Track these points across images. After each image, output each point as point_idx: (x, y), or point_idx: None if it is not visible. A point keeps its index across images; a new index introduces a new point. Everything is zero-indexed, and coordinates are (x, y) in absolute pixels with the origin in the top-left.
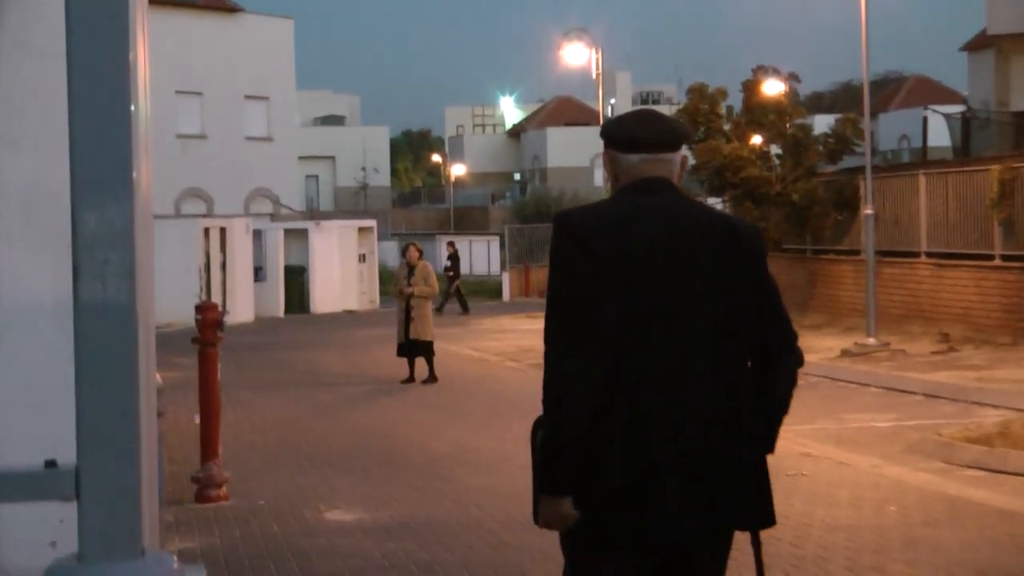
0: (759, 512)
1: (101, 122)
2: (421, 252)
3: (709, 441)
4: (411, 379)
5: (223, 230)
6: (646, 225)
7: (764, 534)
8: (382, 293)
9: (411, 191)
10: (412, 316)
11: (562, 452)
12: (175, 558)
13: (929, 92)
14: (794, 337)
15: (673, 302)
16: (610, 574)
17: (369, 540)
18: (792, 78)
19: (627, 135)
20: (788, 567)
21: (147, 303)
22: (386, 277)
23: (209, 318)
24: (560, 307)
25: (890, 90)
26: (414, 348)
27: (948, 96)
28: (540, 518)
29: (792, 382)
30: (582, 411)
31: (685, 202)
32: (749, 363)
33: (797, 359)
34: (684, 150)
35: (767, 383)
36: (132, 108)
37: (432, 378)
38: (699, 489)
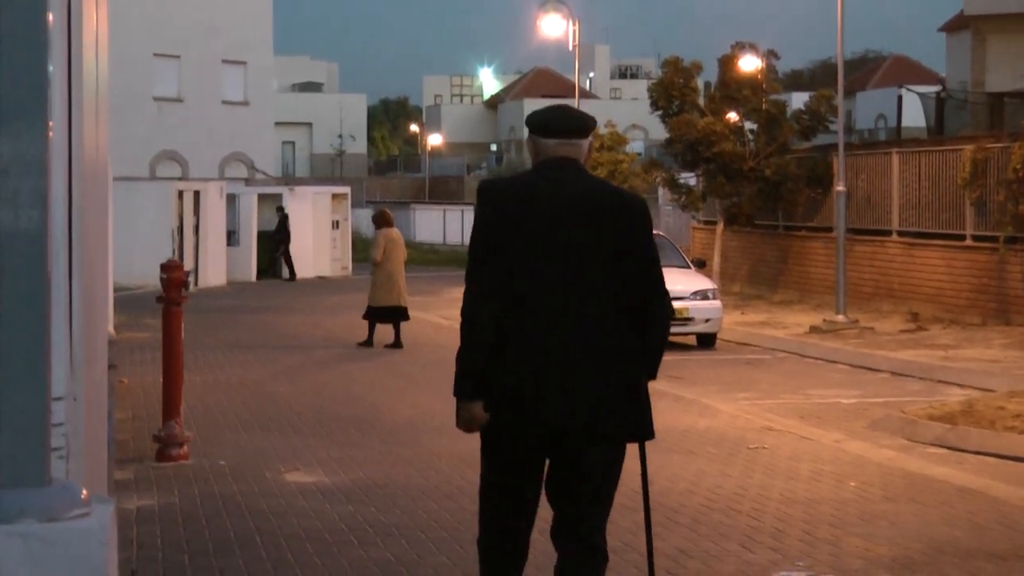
0: (635, 424)
1: (15, 52)
2: (378, 219)
3: (584, 358)
4: (395, 344)
5: (197, 193)
6: (547, 190)
7: (721, 505)
8: (355, 260)
9: (387, 159)
10: (372, 283)
11: (473, 365)
12: (83, 489)
13: (907, 72)
14: (666, 292)
15: (560, 249)
16: (513, 456)
17: (327, 502)
18: (771, 55)
19: (547, 124)
20: (744, 539)
21: (103, 257)
22: (359, 244)
23: (174, 277)
24: (475, 254)
25: (868, 69)
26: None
27: (927, 76)
28: (459, 421)
29: (665, 327)
30: (488, 331)
31: (585, 176)
32: (626, 304)
33: (668, 309)
34: (591, 137)
35: (646, 324)
36: (47, 40)
37: (366, 343)
38: (574, 393)
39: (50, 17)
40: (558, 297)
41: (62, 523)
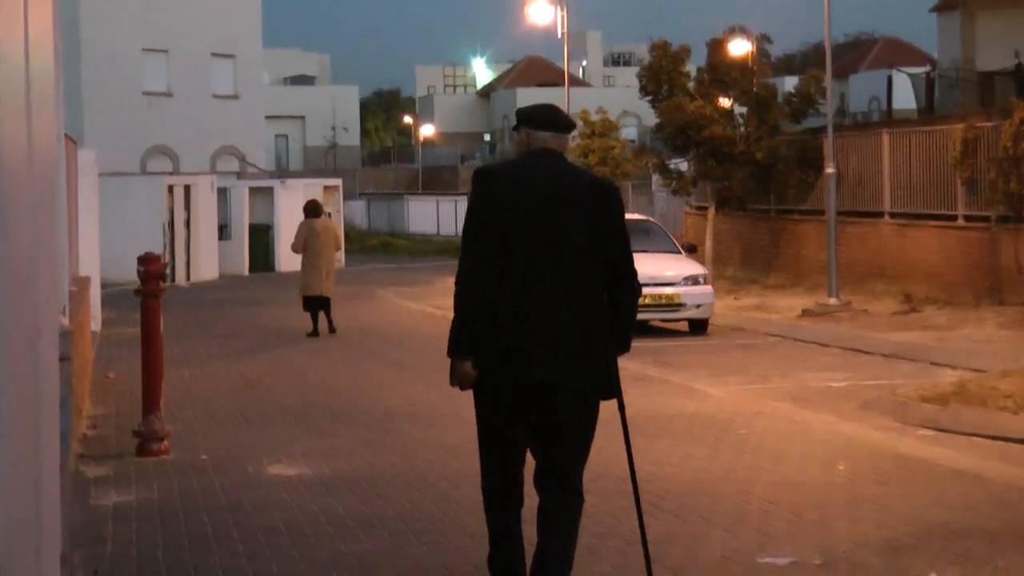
0: (606, 384)
1: None
2: (304, 209)
3: (565, 323)
4: (313, 333)
5: (187, 188)
6: (535, 176)
7: (707, 489)
8: (347, 252)
9: (381, 151)
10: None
11: (466, 327)
12: None
13: (899, 53)
14: (634, 269)
15: (545, 228)
16: (503, 409)
17: (309, 494)
18: (763, 39)
19: (543, 119)
20: (730, 523)
21: (47, 247)
22: (352, 236)
23: (151, 270)
24: (470, 229)
25: (861, 51)
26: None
27: (918, 57)
28: (453, 378)
29: (634, 300)
30: (481, 298)
31: (570, 165)
32: (599, 279)
33: (637, 288)
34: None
35: (617, 299)
36: None
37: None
38: (556, 354)
39: None
40: (545, 269)
41: None
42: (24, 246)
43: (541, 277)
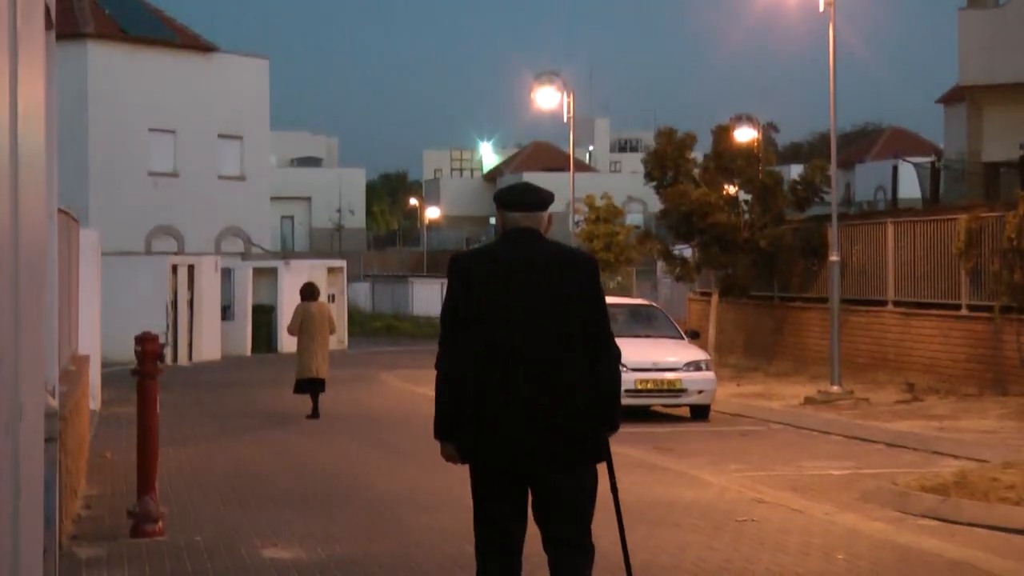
0: (594, 449)
1: None
2: (301, 292)
3: (548, 398)
4: (312, 415)
5: (191, 267)
6: (509, 256)
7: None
8: (350, 334)
9: (386, 233)
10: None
11: (446, 410)
12: None
13: (906, 143)
14: (611, 338)
15: (522, 304)
16: (489, 488)
17: None
18: (770, 128)
19: (512, 200)
20: None
21: (32, 326)
22: (356, 318)
23: (149, 350)
24: (446, 314)
25: (867, 141)
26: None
27: (925, 148)
28: (443, 456)
29: (615, 367)
30: (459, 385)
31: (544, 241)
32: (580, 353)
33: (615, 353)
34: (549, 209)
35: (597, 368)
36: None
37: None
38: (543, 431)
39: None
40: (522, 345)
41: None
42: (2, 325)
43: (521, 354)
